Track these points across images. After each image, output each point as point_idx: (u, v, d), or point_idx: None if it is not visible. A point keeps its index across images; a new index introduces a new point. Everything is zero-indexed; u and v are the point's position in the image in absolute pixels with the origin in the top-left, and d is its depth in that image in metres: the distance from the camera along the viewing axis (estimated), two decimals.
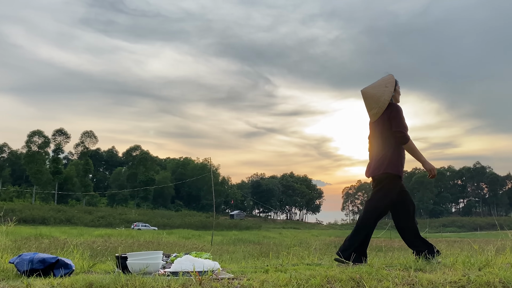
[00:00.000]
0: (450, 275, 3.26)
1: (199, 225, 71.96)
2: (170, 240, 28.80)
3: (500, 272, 3.38)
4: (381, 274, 3.22)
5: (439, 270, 3.55)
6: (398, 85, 5.04)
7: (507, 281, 3.14)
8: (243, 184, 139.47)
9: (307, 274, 3.25)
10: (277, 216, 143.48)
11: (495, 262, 3.99)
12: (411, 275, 3.23)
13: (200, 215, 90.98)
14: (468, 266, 3.77)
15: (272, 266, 3.90)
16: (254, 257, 11.81)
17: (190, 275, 3.21)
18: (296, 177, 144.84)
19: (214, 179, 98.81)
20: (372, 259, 5.00)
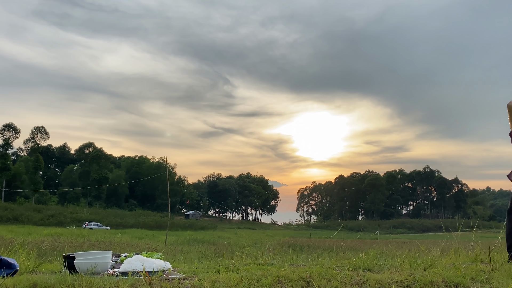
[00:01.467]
0: (397, 275, 3.36)
1: (154, 225, 70.88)
2: (123, 240, 28.22)
3: (443, 272, 3.52)
4: (331, 274, 3.28)
5: (386, 270, 3.65)
6: None
7: (449, 280, 3.27)
8: (199, 184, 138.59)
9: (259, 274, 3.26)
10: (233, 216, 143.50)
11: (439, 263, 4.15)
12: (359, 275, 3.30)
13: (155, 215, 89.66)
14: (414, 266, 3.90)
15: (224, 266, 3.90)
16: (208, 257, 11.76)
17: (140, 275, 3.15)
18: (253, 177, 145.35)
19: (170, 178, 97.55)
20: (323, 259, 5.08)
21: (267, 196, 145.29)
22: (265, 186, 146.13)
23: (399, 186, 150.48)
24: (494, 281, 3.37)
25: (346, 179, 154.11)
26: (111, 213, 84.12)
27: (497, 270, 3.77)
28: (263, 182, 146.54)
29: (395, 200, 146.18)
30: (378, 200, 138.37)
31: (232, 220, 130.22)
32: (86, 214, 77.40)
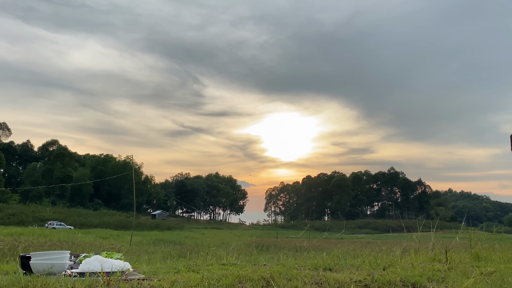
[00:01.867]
0: (356, 275, 3.41)
1: (119, 225, 69.63)
2: (86, 240, 27.64)
3: (401, 271, 3.59)
4: (291, 274, 3.30)
5: (346, 270, 3.70)
6: None
7: (407, 280, 3.34)
8: (166, 183, 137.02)
9: (220, 274, 3.25)
10: (201, 216, 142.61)
11: (398, 263, 4.24)
12: (319, 275, 3.33)
13: (120, 214, 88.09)
14: (374, 266, 3.97)
15: (186, 266, 3.86)
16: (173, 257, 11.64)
17: (98, 276, 3.09)
18: (221, 177, 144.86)
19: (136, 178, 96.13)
20: (286, 259, 5.10)
21: (235, 196, 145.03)
22: (233, 186, 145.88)
23: (365, 187, 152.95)
24: (449, 280, 3.47)
25: (313, 179, 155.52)
26: (75, 213, 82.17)
27: (453, 270, 3.88)
28: (232, 182, 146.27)
29: (361, 201, 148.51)
30: (344, 200, 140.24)
31: (199, 220, 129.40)
32: (49, 213, 75.34)
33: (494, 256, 6.08)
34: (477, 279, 3.52)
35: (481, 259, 5.61)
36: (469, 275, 3.68)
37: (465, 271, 3.85)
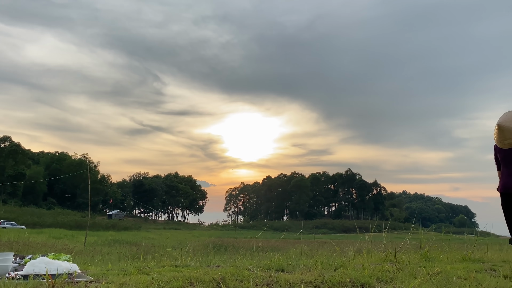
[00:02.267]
0: (308, 275, 3.44)
1: (73, 224, 67.73)
2: (38, 240, 26.70)
3: (352, 272, 3.66)
4: (243, 275, 3.29)
5: (298, 271, 3.73)
6: None
7: (356, 280, 3.40)
8: (124, 183, 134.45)
9: (170, 276, 3.21)
10: (159, 217, 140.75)
11: (350, 263, 4.32)
12: (271, 276, 3.34)
13: (75, 214, 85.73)
14: (325, 267, 4.02)
15: (136, 268, 3.79)
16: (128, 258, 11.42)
17: (43, 279, 2.98)
18: (181, 177, 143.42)
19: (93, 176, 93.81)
20: (242, 260, 5.10)
21: (195, 196, 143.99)
22: (193, 186, 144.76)
23: (323, 187, 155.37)
24: (397, 280, 3.55)
25: (273, 180, 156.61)
26: (28, 212, 79.37)
27: (401, 270, 3.98)
28: (191, 182, 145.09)
29: (319, 201, 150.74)
30: (303, 201, 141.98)
31: (157, 221, 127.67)
32: (0, 212, 72.46)
33: (442, 256, 6.28)
34: (423, 279, 3.62)
35: (430, 260, 5.78)
36: (417, 276, 3.79)
37: (413, 271, 3.96)
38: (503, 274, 4.32)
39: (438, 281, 3.64)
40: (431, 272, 3.97)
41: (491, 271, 4.48)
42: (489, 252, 7.48)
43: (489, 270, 4.49)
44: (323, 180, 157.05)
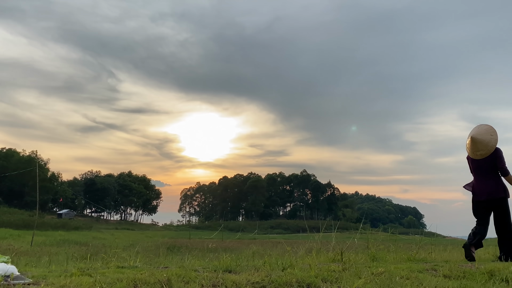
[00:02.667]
0: (255, 276, 3.45)
1: (20, 224, 65.00)
2: None
3: (299, 272, 3.70)
4: (190, 276, 3.26)
5: (246, 272, 3.73)
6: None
7: (302, 281, 3.44)
8: (75, 181, 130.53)
9: (115, 277, 3.13)
10: (111, 217, 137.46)
11: (298, 263, 4.36)
12: (218, 277, 3.33)
13: (23, 213, 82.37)
14: (274, 267, 4.05)
15: (79, 269, 3.68)
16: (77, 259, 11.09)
17: None
18: (135, 176, 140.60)
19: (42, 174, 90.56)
20: (190, 261, 5.05)
21: (148, 196, 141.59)
22: (147, 185, 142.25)
23: (279, 188, 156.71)
24: (342, 280, 3.62)
25: (230, 180, 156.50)
26: None
27: (347, 270, 4.06)
28: (145, 182, 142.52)
29: (274, 202, 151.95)
30: (259, 201, 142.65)
31: (109, 221, 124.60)
32: None
33: (389, 256, 6.45)
34: (367, 279, 3.71)
35: (376, 260, 5.93)
36: (361, 275, 3.88)
37: (358, 271, 4.05)
38: (443, 273, 4.49)
39: (381, 281, 3.74)
40: (375, 272, 4.07)
41: (432, 270, 4.65)
42: (433, 252, 7.78)
43: (430, 270, 4.66)
44: (279, 180, 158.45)
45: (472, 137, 6.52)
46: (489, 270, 4.76)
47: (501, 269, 4.78)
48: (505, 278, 4.47)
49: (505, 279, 4.46)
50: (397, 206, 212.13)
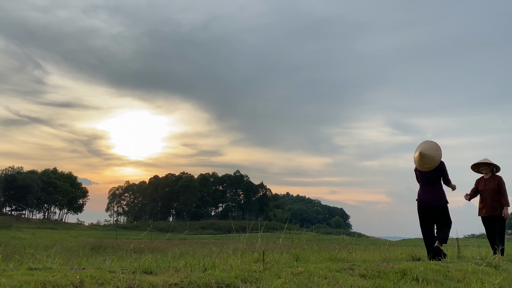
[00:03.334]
0: (174, 278, 3.39)
1: None
2: None
3: (220, 273, 3.69)
4: (105, 278, 3.15)
5: (166, 273, 3.67)
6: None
7: (222, 281, 3.44)
8: None
9: (22, 280, 2.95)
10: (33, 215, 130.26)
11: (220, 264, 4.35)
12: (136, 278, 3.24)
13: None
14: (195, 268, 4.01)
15: None
16: None
17: None
18: (60, 173, 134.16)
19: None
20: (112, 262, 4.89)
21: (74, 194, 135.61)
22: (73, 183, 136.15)
23: (211, 188, 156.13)
24: (262, 280, 3.66)
25: (161, 179, 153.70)
26: None
27: (268, 270, 4.11)
28: (71, 179, 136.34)
29: (206, 202, 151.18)
30: (190, 201, 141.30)
31: (31, 219, 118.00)
32: None
33: (312, 256, 6.61)
34: (286, 279, 3.77)
35: (299, 260, 6.05)
36: (281, 275, 3.94)
37: (278, 271, 4.11)
38: (360, 273, 4.68)
39: (299, 281, 3.82)
40: (295, 272, 4.15)
41: (349, 270, 4.82)
42: (353, 252, 8.08)
43: (348, 269, 4.83)
44: (212, 181, 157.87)
45: (421, 152, 7.46)
46: (402, 269, 5.03)
47: (413, 269, 5.06)
48: (415, 277, 4.73)
49: (416, 278, 4.72)
50: (326, 207, 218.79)
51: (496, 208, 8.22)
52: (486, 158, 8.63)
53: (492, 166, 8.51)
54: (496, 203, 8.23)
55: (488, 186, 8.38)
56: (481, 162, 8.58)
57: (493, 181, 8.37)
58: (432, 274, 5.06)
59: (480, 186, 8.52)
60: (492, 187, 8.33)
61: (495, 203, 8.24)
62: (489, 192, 8.33)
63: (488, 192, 8.35)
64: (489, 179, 8.40)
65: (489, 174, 8.49)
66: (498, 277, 4.82)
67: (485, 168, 8.54)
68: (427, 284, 4.58)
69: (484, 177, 8.55)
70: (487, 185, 8.41)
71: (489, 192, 8.33)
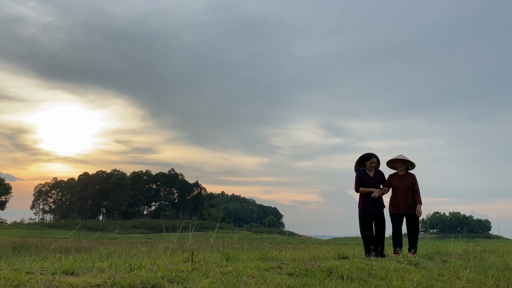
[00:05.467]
0: (97, 279, 3.27)
1: None
2: None
3: (145, 274, 3.60)
4: (20, 280, 2.97)
5: (88, 273, 3.52)
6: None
7: (147, 282, 3.36)
8: None
9: None
10: None
11: (147, 264, 4.25)
12: (55, 279, 3.09)
13: None
14: (120, 269, 3.88)
15: None
16: None
17: None
18: None
19: None
20: (32, 262, 4.63)
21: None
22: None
23: (144, 186, 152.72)
24: (190, 280, 3.62)
25: (91, 177, 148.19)
26: None
27: (196, 270, 4.07)
28: None
29: (139, 201, 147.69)
30: (122, 200, 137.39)
31: None
32: None
33: (243, 255, 6.63)
34: (214, 279, 3.75)
35: (229, 259, 6.05)
36: (209, 275, 3.91)
37: (207, 271, 4.08)
38: (287, 271, 4.75)
39: (228, 280, 3.81)
40: (224, 271, 4.14)
41: (278, 268, 4.88)
42: (284, 251, 8.21)
43: (276, 268, 4.89)
44: (145, 179, 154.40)
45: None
46: (329, 267, 5.17)
47: (339, 267, 5.21)
48: (341, 275, 4.88)
49: (341, 276, 4.87)
50: (260, 206, 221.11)
51: (411, 206, 8.30)
52: (402, 154, 8.64)
53: (408, 164, 8.58)
54: (411, 200, 8.31)
55: (403, 183, 8.39)
56: (398, 158, 8.57)
57: (408, 178, 8.44)
58: (357, 272, 5.24)
59: (395, 182, 8.49)
60: (407, 184, 8.37)
61: (410, 200, 8.31)
62: (404, 189, 8.34)
63: (403, 189, 8.35)
64: (404, 176, 8.47)
65: (404, 171, 8.55)
66: (417, 274, 5.08)
67: (401, 164, 8.55)
68: (351, 282, 4.74)
69: (398, 173, 8.57)
70: (402, 181, 8.42)
71: (404, 189, 8.34)
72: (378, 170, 8.68)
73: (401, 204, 8.31)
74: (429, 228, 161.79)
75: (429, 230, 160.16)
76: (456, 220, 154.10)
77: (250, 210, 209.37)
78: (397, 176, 8.52)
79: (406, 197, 8.29)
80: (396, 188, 8.43)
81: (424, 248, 10.93)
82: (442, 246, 12.13)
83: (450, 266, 7.29)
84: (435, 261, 7.79)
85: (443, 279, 5.89)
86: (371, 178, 8.44)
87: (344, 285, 4.52)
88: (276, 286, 4.03)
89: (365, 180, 8.40)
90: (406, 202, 8.29)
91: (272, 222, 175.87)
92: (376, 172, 8.58)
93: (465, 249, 10.87)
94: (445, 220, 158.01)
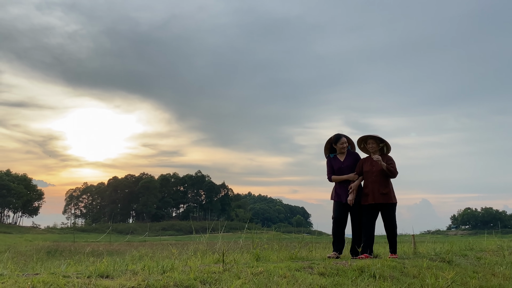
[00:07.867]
0: (131, 281, 3.32)
1: None
2: None
3: (178, 275, 3.64)
4: (58, 283, 3.05)
5: (123, 276, 3.59)
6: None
7: (181, 283, 3.40)
8: None
9: None
10: None
11: (180, 266, 4.30)
12: (91, 283, 3.15)
13: None
14: (154, 271, 3.94)
15: None
16: None
17: None
18: (14, 175, 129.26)
19: None
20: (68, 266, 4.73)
21: (29, 196, 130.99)
22: (28, 185, 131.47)
23: (172, 189, 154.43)
24: (221, 281, 3.65)
25: (120, 181, 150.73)
26: None
27: (228, 271, 4.10)
28: (26, 181, 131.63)
29: (167, 203, 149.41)
30: (151, 202, 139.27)
31: None
32: None
33: (272, 256, 6.63)
34: (246, 279, 3.77)
35: (260, 259, 6.05)
36: (241, 276, 3.93)
37: (238, 272, 4.10)
38: (319, 271, 4.73)
39: (259, 281, 3.82)
40: (255, 272, 4.15)
41: (309, 268, 4.87)
42: (313, 250, 8.18)
43: (307, 268, 4.87)
44: (173, 181, 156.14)
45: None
46: (360, 266, 5.12)
47: (371, 266, 5.16)
48: (373, 274, 4.83)
49: (373, 275, 4.82)
50: (287, 206, 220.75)
51: (386, 194, 6.70)
52: (377, 133, 7.03)
53: (382, 144, 6.98)
54: (386, 189, 6.72)
55: (375, 167, 6.77)
56: (370, 135, 7.01)
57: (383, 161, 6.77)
58: (389, 271, 5.18)
59: (366, 167, 6.88)
60: (381, 169, 6.72)
61: (384, 189, 6.72)
62: (377, 175, 6.74)
63: (375, 174, 6.75)
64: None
65: (377, 153, 6.95)
66: (452, 271, 4.98)
67: (372, 142, 6.96)
68: (384, 281, 4.68)
69: (371, 157, 6.92)
70: (374, 166, 6.80)
71: (377, 174, 6.74)
72: (353, 152, 7.17)
73: (374, 193, 6.70)
74: (461, 224, 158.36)
75: (460, 227, 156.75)
76: (488, 215, 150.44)
77: (277, 210, 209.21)
78: (369, 160, 6.91)
79: (379, 185, 6.70)
80: (367, 174, 6.83)
81: (456, 245, 10.73)
82: (475, 243, 11.88)
83: (485, 263, 7.14)
84: (469, 258, 7.64)
85: (478, 276, 5.77)
86: (340, 162, 7.02)
87: (377, 284, 4.47)
88: (308, 286, 4.02)
89: (335, 165, 7.03)
90: (379, 190, 6.68)
91: (300, 221, 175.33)
92: (349, 155, 7.08)
93: (499, 245, 10.62)
94: (477, 216, 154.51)
